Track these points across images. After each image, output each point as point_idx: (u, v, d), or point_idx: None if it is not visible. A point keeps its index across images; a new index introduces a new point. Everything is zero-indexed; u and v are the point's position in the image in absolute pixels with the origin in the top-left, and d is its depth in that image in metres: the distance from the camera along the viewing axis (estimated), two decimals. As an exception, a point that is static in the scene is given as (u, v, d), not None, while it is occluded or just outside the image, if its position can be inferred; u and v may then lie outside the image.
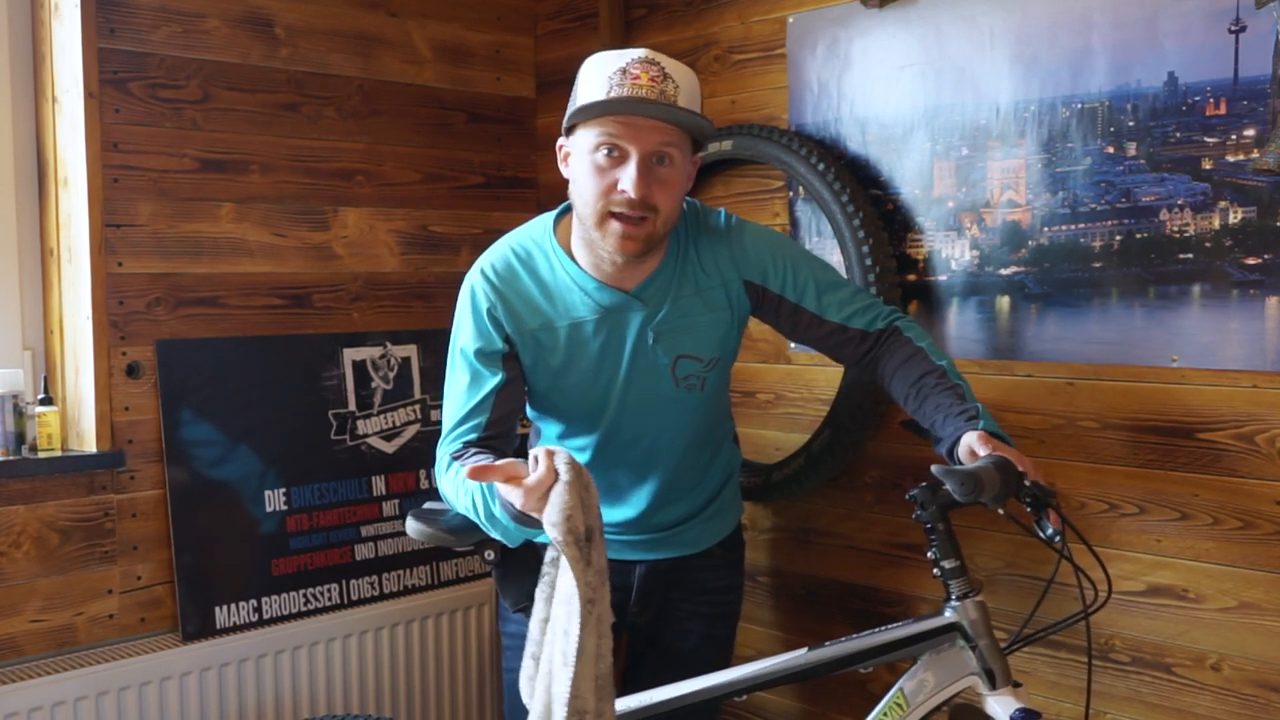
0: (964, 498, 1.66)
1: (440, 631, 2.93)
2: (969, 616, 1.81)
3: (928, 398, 1.92)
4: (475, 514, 1.82)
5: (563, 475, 1.63)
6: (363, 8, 2.89)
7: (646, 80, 1.83)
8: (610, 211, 1.86)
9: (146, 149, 2.56)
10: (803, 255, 2.09)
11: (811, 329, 2.05)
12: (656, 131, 1.85)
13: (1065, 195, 2.22)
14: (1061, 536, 1.70)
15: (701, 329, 2.03)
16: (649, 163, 1.85)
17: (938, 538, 1.81)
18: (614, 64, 1.85)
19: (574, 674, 1.63)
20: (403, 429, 2.96)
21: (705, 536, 2.21)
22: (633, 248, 1.88)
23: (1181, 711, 2.14)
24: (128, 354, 2.55)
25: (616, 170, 1.85)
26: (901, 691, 1.87)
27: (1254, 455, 2.02)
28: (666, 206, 1.88)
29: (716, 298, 2.03)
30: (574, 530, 1.62)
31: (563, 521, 1.61)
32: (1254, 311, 2.01)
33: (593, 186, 1.87)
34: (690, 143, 1.92)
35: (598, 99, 1.83)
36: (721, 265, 2.03)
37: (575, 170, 1.92)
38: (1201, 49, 2.03)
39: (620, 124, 1.84)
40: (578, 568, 1.62)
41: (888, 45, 2.46)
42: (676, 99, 1.85)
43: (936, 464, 1.71)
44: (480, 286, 1.99)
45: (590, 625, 1.64)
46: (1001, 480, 1.68)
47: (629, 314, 1.99)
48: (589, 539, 1.65)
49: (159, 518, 2.58)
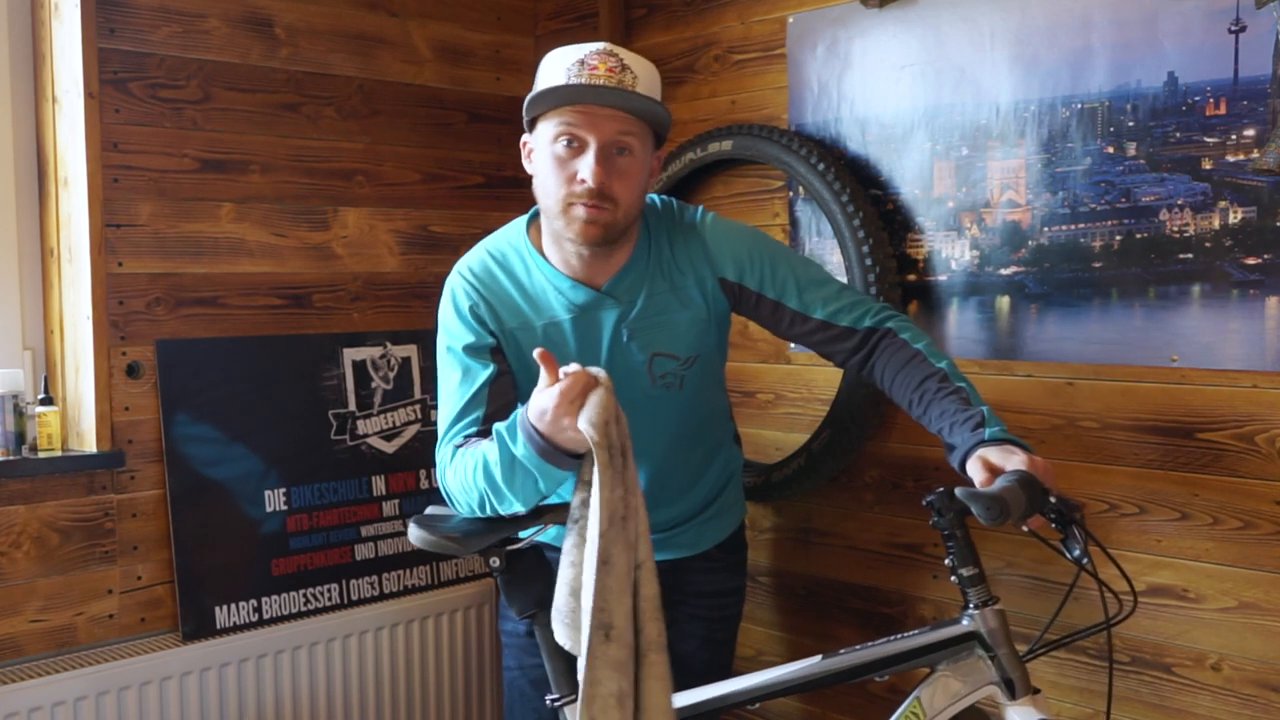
0: (990, 521, 1.62)
1: (440, 631, 2.93)
2: (988, 625, 1.78)
3: (931, 404, 1.88)
4: (489, 477, 1.78)
5: (602, 379, 1.62)
6: (363, 8, 2.89)
7: (604, 70, 1.84)
8: (572, 201, 1.87)
9: (146, 149, 2.56)
10: (782, 252, 2.08)
11: (795, 326, 2.03)
12: (614, 120, 1.85)
13: (1065, 195, 2.22)
14: (1087, 555, 1.67)
15: (677, 326, 2.02)
16: (608, 153, 1.86)
17: (955, 545, 1.77)
18: (572, 56, 1.87)
19: (601, 588, 1.58)
20: (403, 429, 2.96)
21: (704, 538, 2.20)
22: (594, 232, 1.87)
23: (1181, 711, 2.14)
24: (128, 354, 2.55)
25: (576, 161, 1.86)
26: (918, 700, 1.82)
27: (1254, 455, 2.02)
28: (626, 198, 1.88)
29: (691, 295, 2.02)
30: (609, 435, 1.59)
31: (601, 425, 1.58)
32: (1254, 311, 2.01)
33: (554, 177, 1.88)
34: (651, 135, 1.92)
35: (555, 85, 1.84)
36: (696, 262, 2.02)
37: (538, 164, 1.93)
38: (1201, 49, 2.03)
39: (578, 114, 1.85)
40: (606, 475, 1.59)
41: (888, 45, 2.46)
42: (635, 88, 1.85)
43: (961, 487, 1.68)
44: (461, 287, 2.00)
45: (622, 540, 1.61)
46: (1026, 499, 1.64)
47: (602, 312, 1.98)
48: (624, 454, 1.63)
49: (159, 518, 2.58)
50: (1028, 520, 1.68)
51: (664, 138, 1.96)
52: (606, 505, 1.60)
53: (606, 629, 1.61)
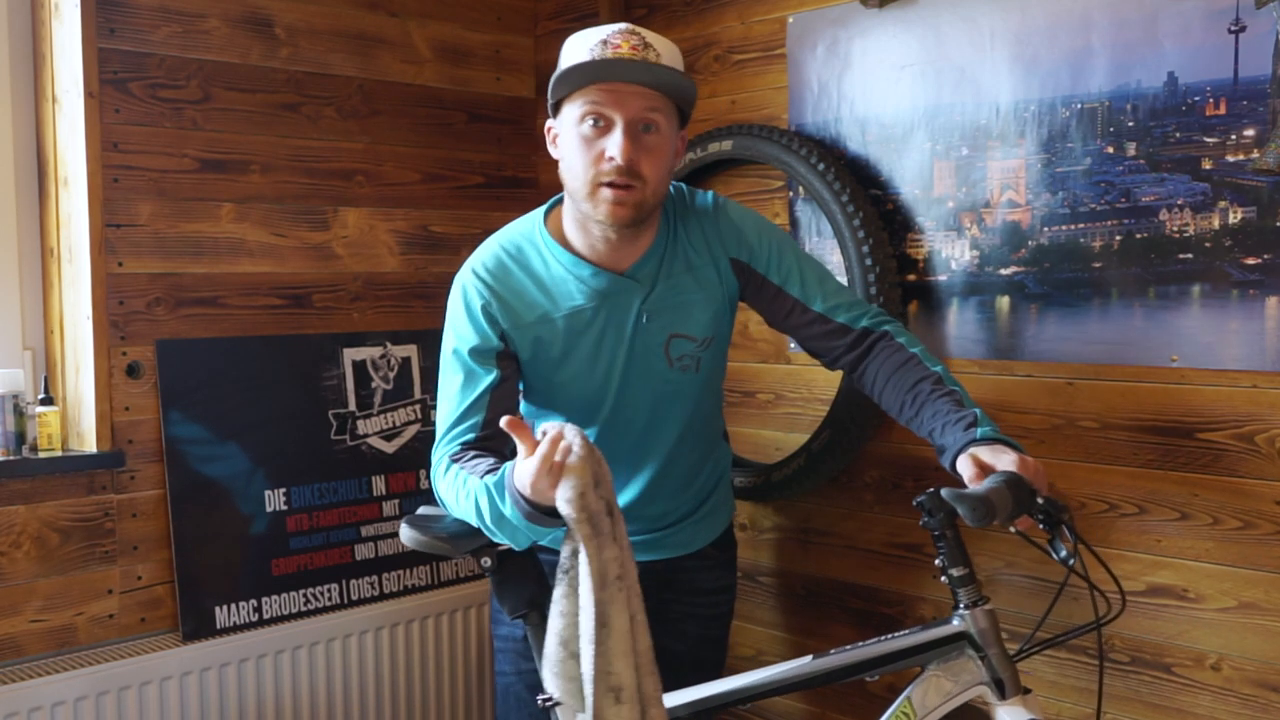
0: (976, 523, 1.62)
1: (440, 631, 2.93)
2: (978, 625, 1.78)
3: (924, 405, 1.88)
4: (481, 518, 1.80)
5: (576, 450, 1.61)
6: (363, 8, 2.89)
7: (628, 48, 1.85)
8: (601, 181, 1.86)
9: (146, 149, 2.56)
10: (789, 242, 2.09)
11: (794, 316, 2.04)
12: (640, 97, 1.85)
13: (1065, 195, 2.22)
14: (1075, 555, 1.67)
15: (694, 306, 2.02)
16: (635, 130, 1.85)
17: (945, 545, 1.78)
18: (595, 37, 1.88)
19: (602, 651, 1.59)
20: (403, 429, 2.96)
21: (699, 537, 2.20)
22: (624, 214, 1.87)
23: (1181, 711, 2.14)
24: (128, 354, 2.55)
25: (603, 140, 1.85)
26: (909, 701, 1.83)
27: (1254, 455, 2.02)
28: (654, 175, 1.88)
29: (708, 275, 2.03)
30: (587, 507, 1.60)
31: (577, 498, 1.59)
32: (1254, 311, 2.01)
33: (581, 158, 1.87)
34: (676, 113, 1.92)
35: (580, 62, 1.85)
36: (710, 243, 2.03)
37: (564, 147, 1.92)
38: (1201, 49, 2.03)
39: (604, 91, 1.85)
40: (592, 546, 1.60)
41: (888, 45, 2.46)
42: (659, 63, 1.85)
43: (947, 488, 1.68)
44: (472, 285, 1.99)
45: (620, 601, 1.61)
46: (1014, 499, 1.64)
47: (627, 297, 1.98)
48: (610, 514, 1.63)
49: (159, 518, 2.58)
50: (1015, 521, 1.68)
51: (688, 115, 1.96)
52: (598, 570, 1.61)
53: (616, 691, 1.61)
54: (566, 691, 1.70)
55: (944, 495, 1.67)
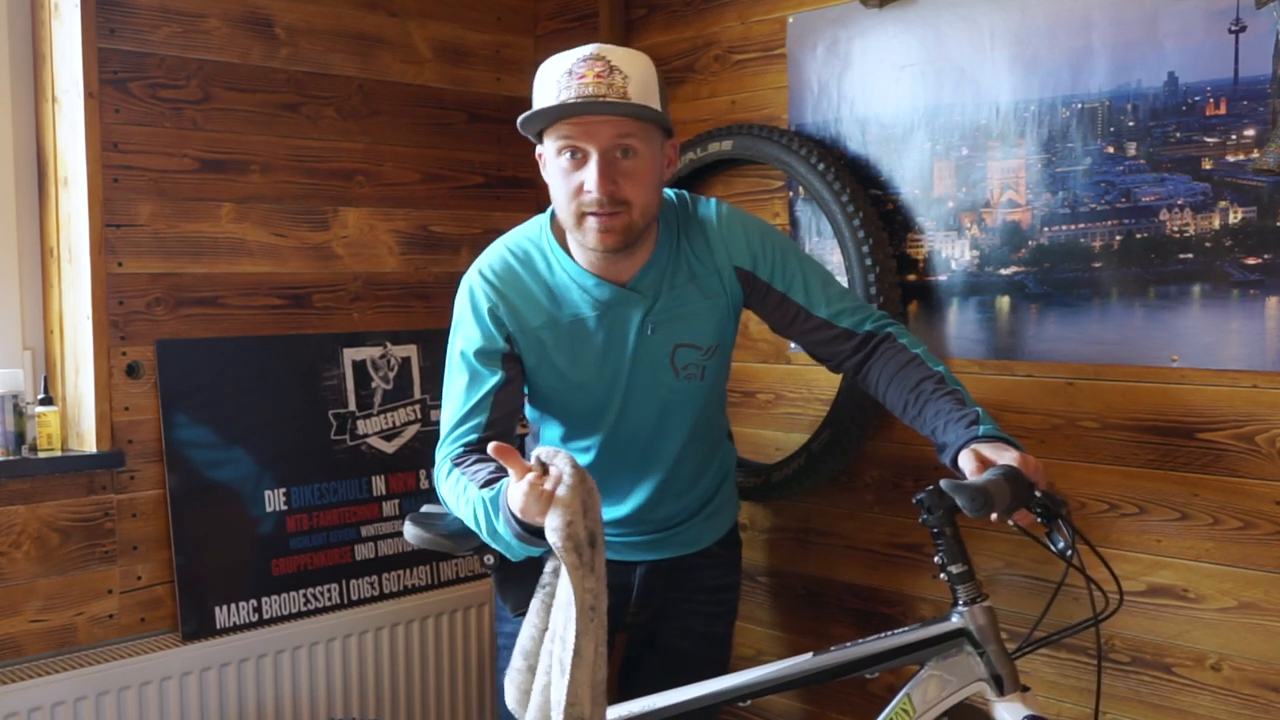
0: (973, 514, 1.63)
1: (440, 631, 2.93)
2: (977, 622, 1.78)
3: (927, 404, 1.89)
4: (478, 527, 1.82)
5: (566, 479, 1.63)
6: (363, 8, 2.89)
7: (592, 77, 1.83)
8: (584, 211, 1.87)
9: (146, 149, 2.56)
10: (792, 248, 2.09)
11: (798, 322, 2.04)
12: (610, 125, 1.85)
13: (1065, 195, 2.22)
14: (1074, 549, 1.68)
15: (698, 316, 2.03)
16: (610, 158, 1.85)
17: (944, 542, 1.78)
18: (561, 67, 1.86)
19: (571, 681, 1.63)
20: (403, 429, 2.96)
21: (704, 535, 2.21)
22: (612, 240, 1.88)
23: (1181, 711, 2.14)
24: (128, 354, 2.55)
25: (580, 172, 1.86)
26: (908, 698, 1.84)
27: (1254, 455, 2.02)
28: (639, 198, 1.88)
29: (712, 284, 2.03)
30: (574, 536, 1.62)
31: (564, 527, 1.61)
32: (1254, 311, 2.01)
33: (563, 190, 1.89)
34: (656, 129, 1.91)
35: (547, 105, 1.84)
36: (715, 251, 2.03)
37: (549, 176, 1.94)
38: (1201, 49, 2.03)
39: (573, 125, 1.85)
40: (576, 575, 1.62)
41: (888, 45, 2.46)
42: (627, 89, 1.84)
43: (946, 479, 1.69)
44: (480, 287, 1.99)
45: (590, 632, 1.64)
46: (1011, 492, 1.65)
47: (629, 309, 1.99)
48: (592, 544, 1.65)
49: (159, 518, 2.58)
50: (1013, 514, 1.69)
51: (670, 128, 1.95)
52: (579, 599, 1.64)
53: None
54: (516, 700, 1.76)
55: (943, 485, 1.68)
